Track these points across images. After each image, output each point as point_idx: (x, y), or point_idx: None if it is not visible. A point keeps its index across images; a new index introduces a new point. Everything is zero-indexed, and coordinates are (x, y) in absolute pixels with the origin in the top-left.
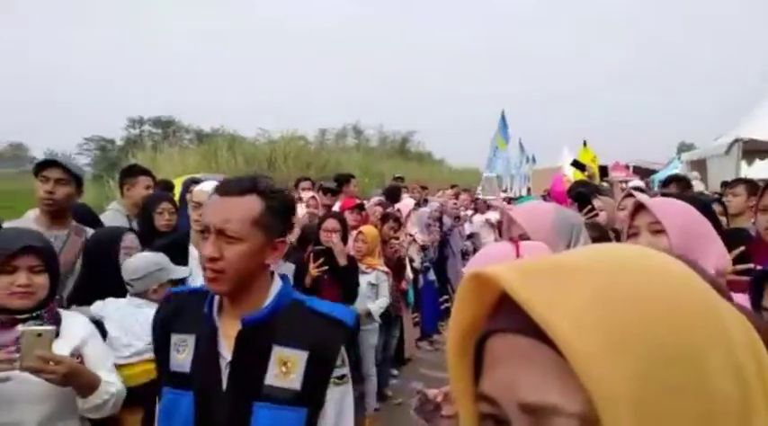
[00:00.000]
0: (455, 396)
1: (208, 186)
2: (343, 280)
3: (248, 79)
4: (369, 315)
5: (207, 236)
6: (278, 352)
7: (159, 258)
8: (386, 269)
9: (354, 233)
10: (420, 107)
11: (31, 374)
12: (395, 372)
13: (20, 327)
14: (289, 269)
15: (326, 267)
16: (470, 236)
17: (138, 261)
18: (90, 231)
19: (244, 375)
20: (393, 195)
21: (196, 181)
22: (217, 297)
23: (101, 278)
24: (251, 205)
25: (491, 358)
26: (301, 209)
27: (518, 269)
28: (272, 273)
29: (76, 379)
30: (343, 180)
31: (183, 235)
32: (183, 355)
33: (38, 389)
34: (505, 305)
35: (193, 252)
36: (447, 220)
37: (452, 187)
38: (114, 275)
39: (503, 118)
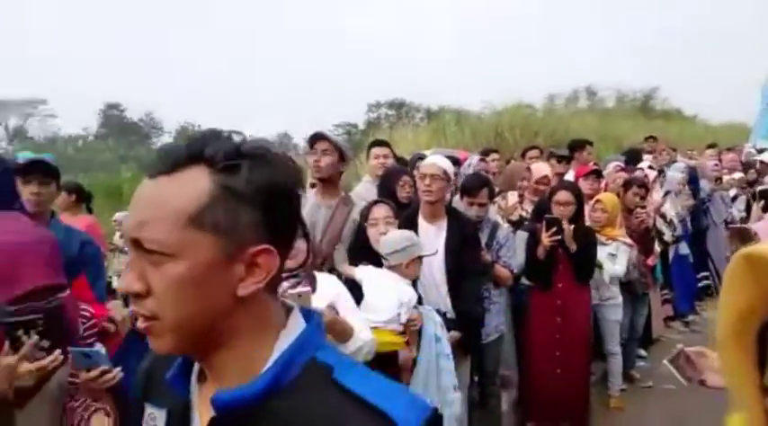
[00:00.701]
0: (733, 389)
1: (434, 158)
2: (578, 256)
3: (471, 53)
4: (610, 288)
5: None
6: None
7: (411, 234)
8: (629, 240)
9: (591, 202)
10: (663, 60)
11: None
12: (643, 353)
13: (287, 292)
14: (521, 237)
15: (560, 237)
16: (734, 199)
17: (391, 237)
18: (360, 204)
19: None
20: (634, 158)
21: (422, 157)
22: None
23: (355, 245)
24: (188, 188)
25: None
26: (513, 197)
27: None
28: (290, 310)
29: (334, 327)
30: (576, 146)
31: (414, 209)
32: None
33: None
34: None
35: (423, 224)
36: (705, 185)
37: (710, 147)
38: (364, 243)
39: None
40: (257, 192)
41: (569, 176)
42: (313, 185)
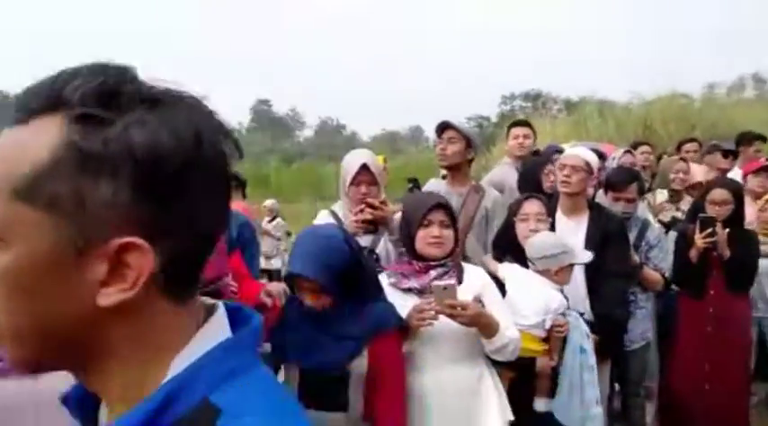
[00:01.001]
0: None
1: (576, 149)
2: (733, 263)
3: (617, 42)
4: None
5: None
6: None
7: (562, 240)
8: None
9: (760, 201)
10: None
11: (447, 317)
12: None
13: (433, 283)
14: (672, 238)
15: (715, 238)
16: None
17: (541, 241)
18: (491, 191)
19: None
20: None
21: (559, 150)
22: None
23: (501, 239)
24: (24, 145)
25: None
26: (662, 194)
27: None
28: (210, 314)
29: (479, 320)
30: (744, 140)
31: (554, 201)
32: None
33: (450, 329)
34: None
35: (561, 218)
36: None
37: None
38: (512, 239)
39: None
40: (125, 159)
41: (735, 174)
42: (444, 176)
